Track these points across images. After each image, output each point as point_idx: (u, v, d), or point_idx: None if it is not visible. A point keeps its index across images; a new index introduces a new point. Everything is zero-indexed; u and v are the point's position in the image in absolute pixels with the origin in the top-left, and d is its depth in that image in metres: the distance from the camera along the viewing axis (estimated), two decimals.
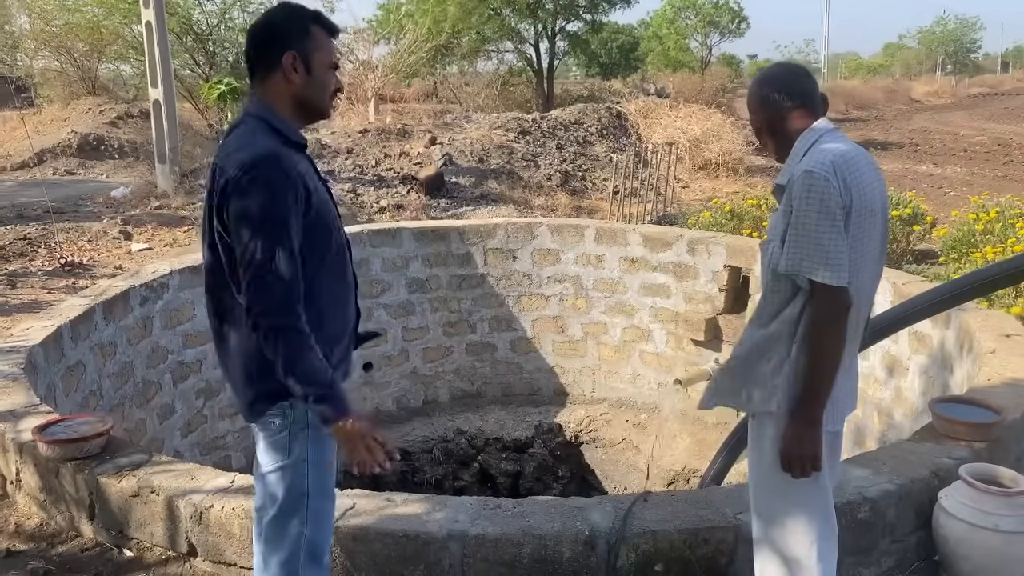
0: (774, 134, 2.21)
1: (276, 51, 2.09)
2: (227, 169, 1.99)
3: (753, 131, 2.29)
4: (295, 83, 2.10)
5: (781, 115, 2.18)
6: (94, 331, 4.87)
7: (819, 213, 1.99)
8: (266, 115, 2.10)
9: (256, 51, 2.13)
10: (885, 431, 5.14)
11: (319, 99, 2.16)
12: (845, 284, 2.01)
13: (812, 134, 2.15)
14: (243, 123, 2.11)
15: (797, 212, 2.02)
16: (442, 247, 7.17)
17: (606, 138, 15.45)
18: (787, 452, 2.11)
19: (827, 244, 1.98)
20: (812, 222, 1.99)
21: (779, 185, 2.17)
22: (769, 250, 2.15)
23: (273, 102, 2.11)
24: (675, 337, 6.89)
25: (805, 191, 2.00)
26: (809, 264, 1.99)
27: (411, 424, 7.15)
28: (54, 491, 3.20)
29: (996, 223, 6.99)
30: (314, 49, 2.12)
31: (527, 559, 2.67)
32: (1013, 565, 2.80)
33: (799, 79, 2.21)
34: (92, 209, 10.14)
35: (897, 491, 2.93)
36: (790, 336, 2.12)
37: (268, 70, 2.11)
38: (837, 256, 1.99)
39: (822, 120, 2.19)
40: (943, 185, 13.96)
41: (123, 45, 18.90)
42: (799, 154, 2.14)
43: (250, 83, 2.15)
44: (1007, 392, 3.66)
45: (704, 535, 2.73)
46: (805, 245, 2.00)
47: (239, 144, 2.03)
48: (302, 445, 2.17)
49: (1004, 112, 31.06)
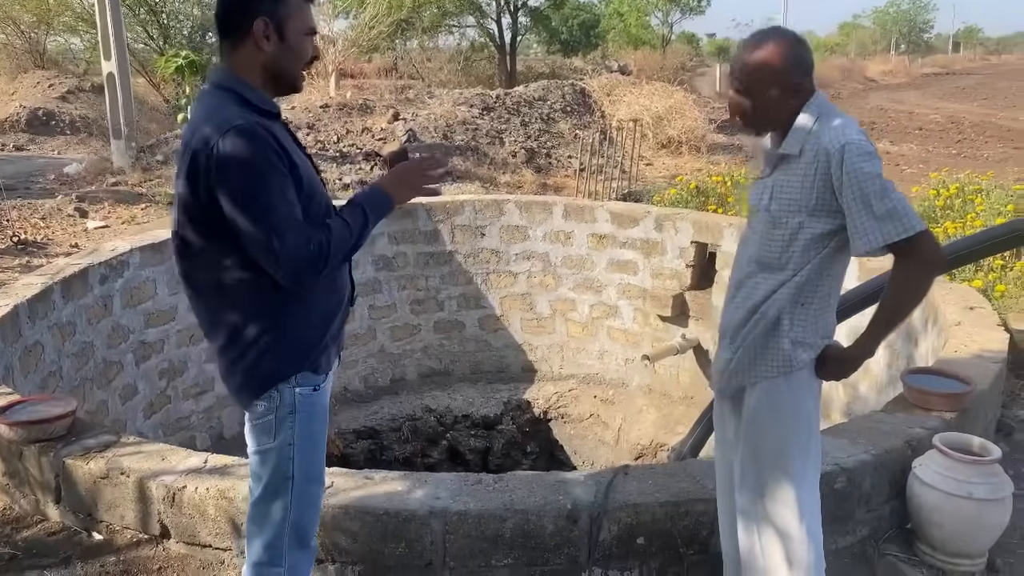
0: (784, 107, 2.14)
1: (247, 17, 1.97)
2: (199, 147, 1.89)
3: (743, 103, 2.17)
4: (267, 51, 1.99)
5: (804, 86, 2.13)
6: (52, 310, 4.73)
7: (882, 176, 2.03)
8: (234, 85, 1.99)
9: (226, 17, 2.01)
10: (850, 403, 5.23)
11: (292, 69, 2.06)
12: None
13: (815, 103, 2.13)
14: (210, 94, 2.00)
15: (865, 181, 2.01)
16: (409, 224, 7.09)
17: (570, 115, 15.38)
18: (840, 372, 2.24)
19: (904, 200, 2.05)
20: (888, 186, 2.03)
21: (783, 154, 2.15)
22: (791, 223, 2.13)
23: (243, 72, 2.00)
24: (642, 313, 6.92)
25: (863, 160, 2.02)
26: (910, 220, 2.03)
27: (379, 403, 7.10)
28: (17, 474, 3.10)
29: (956, 199, 7.11)
30: (288, 14, 2.00)
31: (509, 534, 2.65)
32: (985, 531, 2.86)
33: (809, 49, 2.18)
34: (44, 186, 9.82)
35: (873, 461, 2.98)
36: (794, 299, 2.16)
37: (238, 38, 1.99)
38: (911, 206, 2.07)
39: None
40: (900, 163, 14.18)
41: (72, 16, 18.29)
42: (808, 124, 2.11)
43: (219, 52, 2.04)
44: (974, 363, 3.74)
45: (685, 507, 2.74)
46: (898, 208, 2.02)
47: (208, 118, 1.93)
48: (288, 429, 2.11)
49: (956, 91, 31.64)
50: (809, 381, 2.24)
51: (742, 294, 2.25)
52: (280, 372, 2.08)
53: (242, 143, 1.88)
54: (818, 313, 2.19)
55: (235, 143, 1.87)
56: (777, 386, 2.22)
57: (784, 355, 2.19)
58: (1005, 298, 5.13)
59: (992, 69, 50.72)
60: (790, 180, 2.14)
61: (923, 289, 2.14)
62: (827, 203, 2.09)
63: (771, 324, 2.19)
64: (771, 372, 2.21)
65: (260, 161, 1.89)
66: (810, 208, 2.10)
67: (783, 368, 2.20)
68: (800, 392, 2.23)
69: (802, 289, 2.16)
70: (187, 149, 1.93)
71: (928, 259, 2.09)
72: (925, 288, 2.14)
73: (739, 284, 2.27)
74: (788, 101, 2.13)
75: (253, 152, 1.89)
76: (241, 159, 1.87)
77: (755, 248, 2.22)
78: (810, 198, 2.10)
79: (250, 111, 1.96)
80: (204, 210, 1.94)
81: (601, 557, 2.71)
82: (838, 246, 2.14)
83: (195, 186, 1.92)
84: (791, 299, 2.16)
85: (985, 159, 14.61)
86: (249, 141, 1.88)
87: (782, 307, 2.17)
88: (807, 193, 2.10)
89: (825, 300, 2.20)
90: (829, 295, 2.21)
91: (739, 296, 2.27)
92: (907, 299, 2.16)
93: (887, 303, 2.16)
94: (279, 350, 2.06)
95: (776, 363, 2.20)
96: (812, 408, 2.27)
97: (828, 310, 2.23)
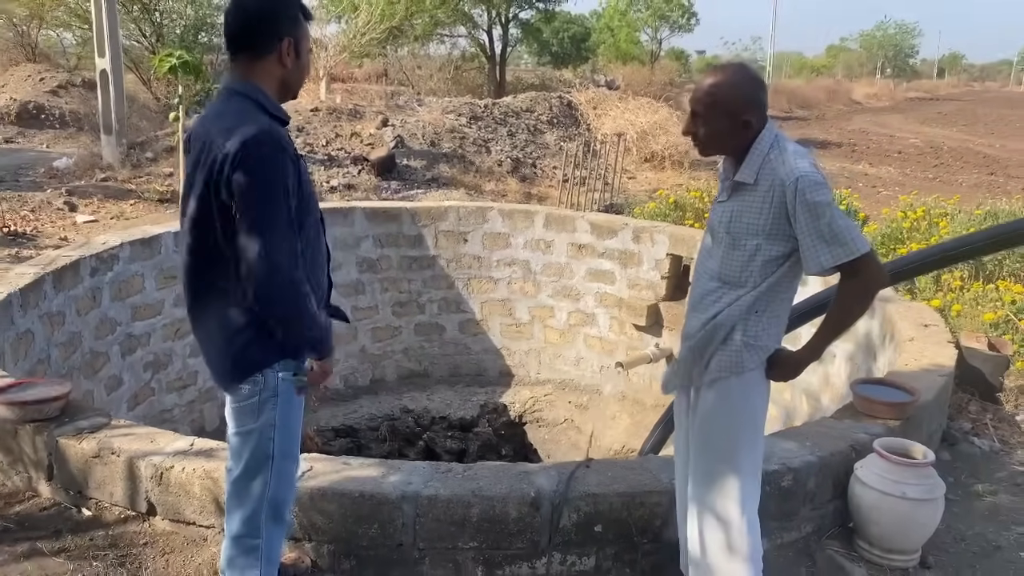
0: (732, 136, 2.33)
1: (273, 36, 2.18)
2: (224, 144, 2.07)
3: (699, 128, 2.36)
4: (287, 67, 2.23)
5: (752, 122, 2.31)
6: (43, 300, 4.86)
7: (832, 205, 2.25)
8: (254, 94, 2.18)
9: (250, 32, 2.20)
10: (812, 414, 5.43)
11: (300, 82, 2.31)
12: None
13: (768, 135, 2.33)
14: (229, 99, 2.19)
15: (816, 210, 2.22)
16: (394, 228, 7.27)
17: (556, 127, 15.63)
18: (786, 374, 2.46)
19: (851, 224, 2.27)
20: (836, 214, 2.24)
21: (739, 182, 2.35)
22: (749, 245, 2.34)
23: (261, 81, 2.21)
24: (618, 322, 7.13)
25: (814, 191, 2.22)
26: (855, 244, 2.24)
27: (358, 402, 7.25)
28: (11, 452, 3.25)
29: (922, 221, 7.38)
30: (303, 35, 2.25)
31: (476, 518, 2.83)
32: (918, 529, 3.08)
33: (765, 89, 2.39)
34: (34, 179, 9.93)
35: (818, 462, 3.18)
36: (749, 308, 2.37)
37: (261, 51, 2.19)
38: (858, 230, 2.30)
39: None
40: (877, 184, 14.51)
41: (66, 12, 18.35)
42: (762, 154, 2.31)
43: (231, 59, 2.23)
44: (922, 376, 3.96)
45: (641, 498, 2.94)
46: (844, 232, 2.23)
47: (236, 120, 2.11)
48: (271, 411, 2.29)
49: (937, 116, 32.19)
50: (759, 382, 2.46)
51: (704, 304, 2.46)
52: (266, 359, 2.26)
53: (263, 151, 2.08)
54: (769, 321, 2.41)
55: (262, 148, 2.08)
56: (729, 386, 2.43)
57: (737, 358, 2.41)
58: (960, 317, 5.37)
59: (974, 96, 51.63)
60: (748, 207, 2.35)
61: (865, 304, 2.39)
62: (782, 228, 2.31)
63: (727, 330, 2.40)
64: (724, 373, 2.43)
65: (275, 172, 2.10)
66: (766, 232, 2.32)
67: (735, 369, 2.41)
68: (750, 392, 2.45)
69: (757, 300, 2.38)
70: (207, 148, 2.13)
71: (871, 278, 2.32)
72: (867, 303, 2.39)
73: (702, 296, 2.48)
74: (737, 132, 2.33)
75: (272, 162, 2.09)
76: (259, 167, 2.07)
77: (717, 265, 2.43)
78: (767, 224, 2.31)
79: (268, 118, 2.17)
80: (213, 206, 2.13)
81: (561, 543, 2.90)
82: (791, 265, 2.37)
83: (209, 182, 2.11)
84: (747, 309, 2.38)
85: (959, 184, 14.97)
86: (270, 150, 2.10)
87: (738, 316, 2.39)
88: (764, 219, 2.32)
89: (777, 310, 2.42)
90: (781, 306, 2.43)
91: (701, 305, 2.48)
92: (850, 313, 2.40)
93: (833, 315, 2.40)
94: (265, 338, 2.25)
95: (729, 365, 2.42)
96: (760, 407, 2.49)
97: (779, 319, 2.44)
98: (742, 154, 2.35)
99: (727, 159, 2.44)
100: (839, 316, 2.39)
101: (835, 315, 2.39)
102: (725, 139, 2.36)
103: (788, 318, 2.49)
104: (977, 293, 5.57)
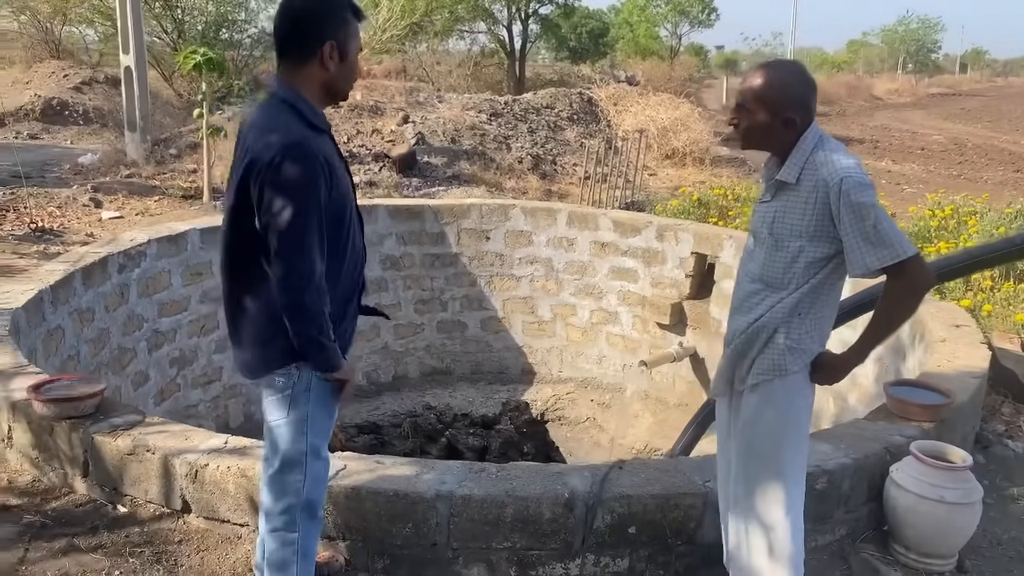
0: (775, 133, 2.31)
1: (316, 39, 2.15)
2: (260, 150, 2.08)
3: (742, 120, 2.35)
4: (330, 71, 2.18)
5: (797, 121, 2.29)
6: (73, 296, 4.91)
7: (877, 206, 2.23)
8: (292, 99, 2.17)
9: (293, 35, 2.17)
10: (840, 414, 5.39)
11: (348, 85, 2.26)
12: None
13: (812, 135, 2.31)
14: (272, 105, 2.19)
15: (861, 211, 2.19)
16: (416, 225, 7.27)
17: (577, 123, 15.57)
18: (831, 377, 2.45)
19: (896, 227, 2.25)
20: (881, 215, 2.21)
21: (782, 181, 2.32)
22: (792, 246, 2.31)
23: (301, 86, 2.18)
24: (641, 320, 7.10)
25: (859, 192, 2.20)
26: (901, 247, 2.22)
27: (381, 399, 7.27)
28: (48, 449, 3.28)
29: (951, 220, 7.30)
30: (349, 37, 2.20)
31: (510, 519, 2.83)
32: (955, 533, 3.04)
33: (814, 91, 2.36)
34: (59, 175, 10.00)
35: (853, 465, 3.16)
36: (792, 310, 2.35)
37: (304, 55, 2.17)
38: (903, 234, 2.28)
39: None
40: (900, 182, 14.39)
41: (89, 9, 18.47)
42: (805, 154, 2.29)
43: (278, 63, 2.21)
44: (956, 377, 3.91)
45: (675, 500, 2.92)
46: (890, 234, 2.21)
47: (271, 126, 2.11)
48: (304, 405, 2.30)
49: (961, 112, 31.87)
50: (802, 385, 2.44)
51: (746, 306, 2.45)
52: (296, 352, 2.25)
53: (297, 162, 2.07)
54: (813, 324, 2.38)
55: (292, 160, 2.06)
56: (772, 389, 2.41)
57: (780, 360, 2.38)
58: (991, 317, 5.32)
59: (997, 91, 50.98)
60: (792, 208, 2.32)
61: (913, 306, 2.35)
62: (826, 230, 2.28)
63: (770, 333, 2.38)
64: (767, 376, 2.41)
65: (298, 191, 2.08)
66: (810, 234, 2.30)
67: (778, 372, 2.39)
68: (793, 394, 2.43)
69: (800, 303, 2.35)
70: (247, 153, 2.13)
71: (917, 280, 2.29)
72: (914, 305, 2.35)
73: (744, 298, 2.47)
74: (780, 129, 2.31)
75: (304, 174, 2.08)
76: (293, 178, 2.07)
77: (759, 267, 2.41)
78: (810, 225, 2.29)
79: (306, 126, 2.15)
80: (250, 208, 2.14)
81: (595, 544, 2.89)
82: (835, 267, 2.34)
83: (247, 186, 2.12)
84: (789, 311, 2.36)
85: (985, 181, 14.81)
86: (303, 161, 2.08)
87: (781, 318, 2.37)
88: (807, 220, 2.29)
89: (820, 313, 2.39)
90: (825, 308, 2.40)
91: (743, 308, 2.46)
92: (897, 315, 2.36)
93: (879, 318, 2.36)
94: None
95: (772, 368, 2.40)
96: (804, 410, 2.47)
97: (823, 321, 2.42)
98: (785, 153, 2.33)
99: (771, 159, 2.41)
100: (886, 318, 2.36)
101: (882, 317, 2.36)
102: (768, 135, 2.33)
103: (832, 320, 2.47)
104: (1008, 293, 5.51)
